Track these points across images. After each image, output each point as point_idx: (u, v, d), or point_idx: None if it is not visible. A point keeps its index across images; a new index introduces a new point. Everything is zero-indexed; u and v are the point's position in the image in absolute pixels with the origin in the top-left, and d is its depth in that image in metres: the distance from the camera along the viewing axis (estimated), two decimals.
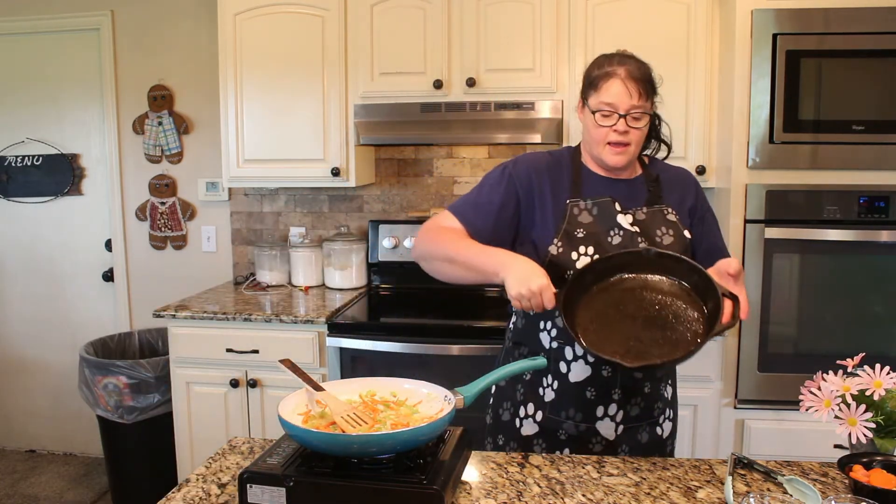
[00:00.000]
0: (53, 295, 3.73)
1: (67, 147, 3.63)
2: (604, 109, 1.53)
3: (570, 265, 1.53)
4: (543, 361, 1.41)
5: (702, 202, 1.69)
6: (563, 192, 1.60)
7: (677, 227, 1.60)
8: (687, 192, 1.66)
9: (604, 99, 1.53)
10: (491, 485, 1.27)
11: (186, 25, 3.41)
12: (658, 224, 1.58)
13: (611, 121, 1.53)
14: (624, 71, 1.53)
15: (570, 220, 1.56)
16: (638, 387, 1.56)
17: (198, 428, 2.84)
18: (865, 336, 2.43)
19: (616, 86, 1.52)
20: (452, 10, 2.80)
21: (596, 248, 1.53)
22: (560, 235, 1.55)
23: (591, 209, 1.57)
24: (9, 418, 3.88)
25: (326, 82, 2.93)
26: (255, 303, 2.94)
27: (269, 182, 3.14)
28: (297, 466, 1.16)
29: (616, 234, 1.55)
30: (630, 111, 1.52)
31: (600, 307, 1.42)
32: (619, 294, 1.43)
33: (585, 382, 1.55)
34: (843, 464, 1.21)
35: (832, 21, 2.35)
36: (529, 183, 1.60)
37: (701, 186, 1.71)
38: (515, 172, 1.61)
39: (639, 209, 1.59)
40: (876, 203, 2.38)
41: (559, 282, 1.49)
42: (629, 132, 1.53)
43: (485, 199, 1.60)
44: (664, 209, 1.61)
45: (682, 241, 1.58)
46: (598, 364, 1.53)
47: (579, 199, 1.59)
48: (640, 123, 1.55)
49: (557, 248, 1.54)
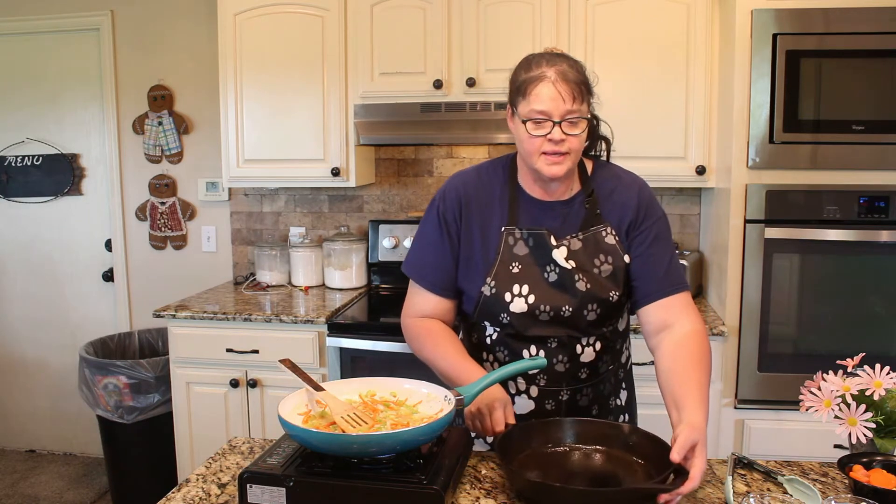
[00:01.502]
0: (53, 295, 3.73)
1: (67, 147, 3.63)
2: (535, 118, 1.36)
3: (504, 307, 1.45)
4: (544, 361, 1.41)
5: (645, 219, 1.48)
6: (498, 217, 1.49)
7: (616, 251, 1.47)
8: (628, 208, 1.48)
9: (535, 106, 1.36)
10: (491, 485, 1.27)
11: (186, 25, 3.41)
12: (595, 251, 1.46)
13: (544, 129, 1.36)
14: (554, 73, 1.35)
15: (506, 251, 1.46)
16: (585, 414, 1.51)
17: (198, 428, 2.84)
18: (865, 336, 2.43)
19: (547, 90, 1.35)
20: (452, 10, 2.80)
21: (531, 286, 1.44)
22: (494, 272, 1.46)
23: (526, 240, 1.46)
24: (9, 418, 3.88)
25: (326, 82, 2.93)
26: (255, 303, 2.94)
27: (269, 182, 3.14)
28: (297, 466, 1.16)
29: (552, 270, 1.44)
30: (565, 117, 1.35)
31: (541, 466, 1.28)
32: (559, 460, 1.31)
33: (530, 416, 1.49)
34: (843, 464, 1.21)
35: (832, 21, 2.35)
36: (458, 215, 1.51)
37: (652, 199, 1.51)
38: (445, 209, 1.51)
39: (574, 236, 1.46)
40: (876, 203, 2.38)
41: (496, 322, 1.47)
42: (565, 140, 1.36)
43: (431, 255, 1.52)
44: (602, 230, 1.47)
45: (622, 269, 1.47)
46: (542, 399, 1.49)
47: (514, 227, 1.47)
48: (577, 129, 1.37)
49: (490, 289, 1.46)
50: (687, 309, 1.46)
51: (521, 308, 1.45)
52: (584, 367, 1.49)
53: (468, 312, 1.54)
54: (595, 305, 1.45)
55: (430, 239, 1.54)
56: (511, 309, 1.45)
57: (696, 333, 1.42)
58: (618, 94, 2.72)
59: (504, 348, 1.51)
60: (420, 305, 1.56)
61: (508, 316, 1.46)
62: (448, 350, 1.47)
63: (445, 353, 1.47)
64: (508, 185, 1.51)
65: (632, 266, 1.48)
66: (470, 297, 1.51)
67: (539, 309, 1.44)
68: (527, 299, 1.44)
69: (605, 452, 1.30)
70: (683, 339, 1.41)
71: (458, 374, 1.42)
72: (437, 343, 1.49)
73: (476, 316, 1.52)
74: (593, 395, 1.53)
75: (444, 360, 1.46)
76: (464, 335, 1.63)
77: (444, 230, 1.52)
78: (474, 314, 1.52)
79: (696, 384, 1.34)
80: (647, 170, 2.71)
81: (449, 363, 1.45)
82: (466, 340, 1.60)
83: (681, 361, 1.38)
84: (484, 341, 1.53)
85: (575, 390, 1.50)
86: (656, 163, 2.73)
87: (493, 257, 1.47)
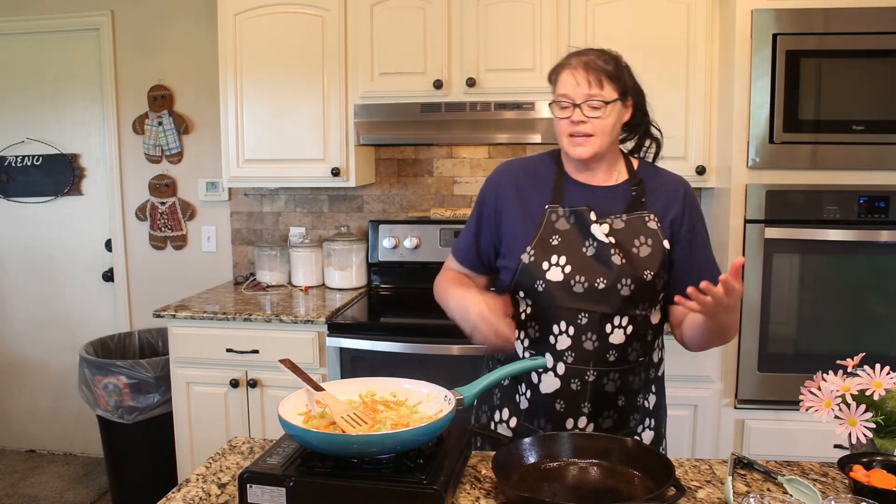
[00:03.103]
0: (53, 295, 3.73)
1: (67, 147, 3.63)
2: (560, 101, 1.50)
3: (541, 275, 1.50)
4: (544, 361, 1.41)
5: (690, 215, 1.59)
6: (543, 198, 1.58)
7: (657, 235, 1.53)
8: (674, 201, 1.58)
9: (559, 91, 1.51)
10: (491, 484, 1.27)
11: (186, 25, 3.41)
12: (637, 233, 1.52)
13: (567, 112, 1.50)
14: (577, 61, 1.49)
15: (547, 227, 1.54)
16: (610, 400, 1.52)
17: (198, 428, 2.84)
18: (865, 336, 2.43)
19: (568, 76, 1.49)
20: (452, 10, 2.80)
21: (569, 258, 1.50)
22: (534, 243, 1.53)
23: (568, 217, 1.54)
24: (9, 418, 3.88)
25: (326, 82, 2.93)
26: (255, 303, 2.94)
27: (269, 182, 3.14)
28: (297, 466, 1.16)
29: (591, 245, 1.51)
30: (586, 100, 1.47)
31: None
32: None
33: (555, 395, 1.51)
34: (843, 464, 1.21)
35: (832, 21, 2.35)
36: (497, 194, 1.61)
37: (695, 198, 1.63)
38: (485, 191, 1.65)
39: (617, 217, 1.54)
40: (876, 203, 2.38)
41: (531, 290, 1.51)
42: (587, 122, 1.48)
43: (466, 231, 1.66)
44: (645, 216, 1.55)
45: (661, 252, 1.52)
46: (567, 377, 1.50)
47: (558, 205, 1.56)
48: (600, 113, 1.48)
49: (529, 257, 1.52)
50: None
51: (557, 277, 1.49)
52: (613, 350, 1.49)
53: (506, 285, 1.58)
54: (629, 281, 1.48)
55: (468, 223, 1.68)
56: (547, 277, 1.50)
57: None
58: None
59: (535, 323, 1.53)
60: (448, 266, 1.72)
61: (544, 283, 1.50)
62: (447, 289, 1.56)
63: (445, 292, 1.57)
64: (555, 170, 1.61)
65: (679, 259, 1.55)
66: (508, 269, 1.56)
67: (574, 279, 1.49)
68: (563, 269, 1.50)
69: (605, 467, 1.28)
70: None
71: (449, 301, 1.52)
72: (444, 287, 1.59)
73: (512, 286, 1.56)
74: (621, 382, 1.52)
75: (445, 299, 1.55)
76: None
77: (478, 211, 1.64)
78: (511, 284, 1.56)
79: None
80: None
81: (445, 300, 1.55)
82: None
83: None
84: (518, 319, 1.57)
85: (602, 373, 1.50)
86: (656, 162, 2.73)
87: (535, 231, 1.54)
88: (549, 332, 1.51)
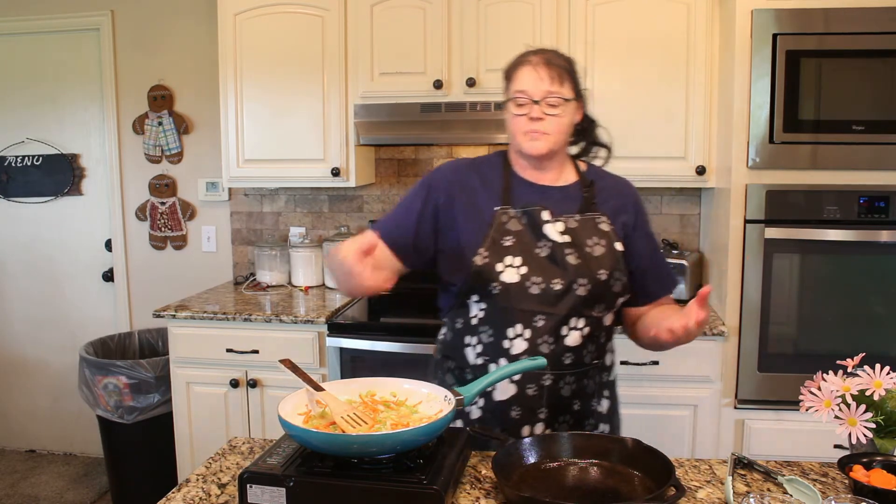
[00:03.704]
0: (53, 295, 3.73)
1: (67, 147, 3.63)
2: (517, 97, 1.49)
3: (495, 277, 1.47)
4: (543, 361, 1.41)
5: (641, 220, 1.61)
6: (493, 199, 1.55)
7: (609, 237, 1.53)
8: (625, 204, 1.59)
9: (517, 87, 1.50)
10: (491, 484, 1.27)
11: (186, 25, 3.41)
12: (590, 233, 1.52)
13: (525, 108, 1.49)
14: (537, 58, 1.50)
15: (498, 228, 1.51)
16: (566, 405, 1.51)
17: (198, 428, 2.84)
18: (865, 336, 2.43)
19: (527, 72, 1.49)
20: (452, 10, 2.80)
21: (524, 258, 1.48)
22: (487, 245, 1.50)
23: (520, 217, 1.52)
24: (9, 418, 3.88)
25: (326, 82, 2.93)
26: (255, 303, 2.94)
27: (269, 182, 3.14)
28: (297, 466, 1.16)
29: (545, 245, 1.50)
30: (545, 98, 1.47)
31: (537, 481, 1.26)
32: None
33: (510, 401, 1.49)
34: (843, 464, 1.21)
35: (832, 21, 2.34)
36: (449, 190, 1.56)
37: (642, 200, 1.65)
38: (434, 180, 1.58)
39: (570, 216, 1.53)
40: (876, 203, 2.38)
41: (485, 293, 1.47)
42: (545, 119, 1.48)
43: (403, 211, 1.58)
44: (596, 217, 1.55)
45: (614, 253, 1.52)
46: (523, 382, 1.48)
47: (509, 206, 1.53)
48: (558, 111, 1.49)
49: (483, 259, 1.49)
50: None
51: (512, 278, 1.47)
52: (569, 352, 1.49)
53: (455, 291, 1.54)
54: (585, 281, 1.47)
55: (405, 201, 1.59)
56: (502, 279, 1.47)
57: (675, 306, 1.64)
58: (618, 94, 2.72)
59: (489, 327, 1.50)
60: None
61: (500, 286, 1.47)
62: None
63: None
64: (503, 171, 1.58)
65: (635, 265, 1.57)
66: (459, 275, 1.52)
67: (530, 280, 1.47)
68: (519, 270, 1.48)
69: (605, 467, 1.28)
70: (667, 305, 1.64)
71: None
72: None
73: (465, 291, 1.52)
74: (576, 386, 1.52)
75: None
76: (447, 329, 1.62)
77: (424, 194, 1.56)
78: (463, 289, 1.52)
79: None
80: (648, 170, 2.74)
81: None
82: (449, 331, 1.61)
83: (669, 311, 1.58)
84: (469, 323, 1.53)
85: (558, 376, 1.49)
86: (656, 163, 2.73)
87: (486, 233, 1.51)
88: (504, 336, 1.48)
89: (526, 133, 1.50)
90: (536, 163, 1.56)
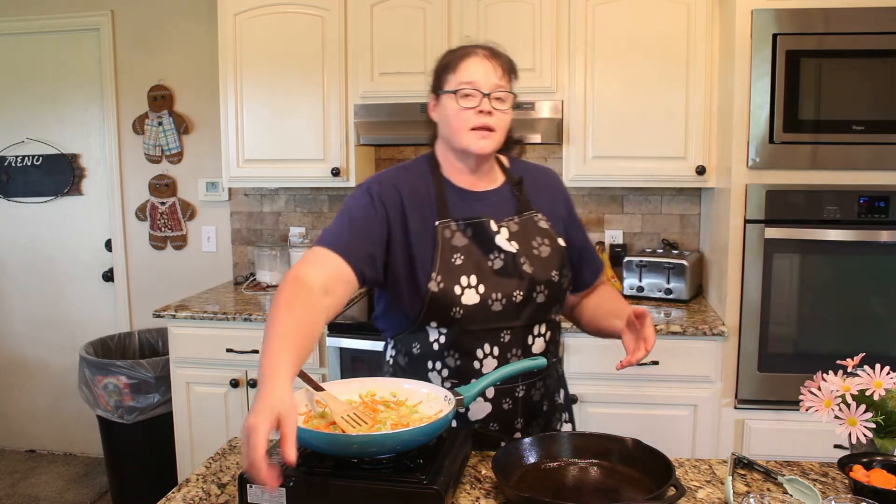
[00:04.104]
0: (53, 295, 3.73)
1: (67, 147, 3.63)
2: (465, 88, 1.37)
3: (455, 301, 1.38)
4: (543, 361, 1.40)
5: (571, 208, 1.59)
6: (430, 213, 1.42)
7: (551, 235, 1.49)
8: (555, 197, 1.56)
9: (464, 78, 1.37)
10: (491, 484, 1.27)
11: (186, 25, 3.41)
12: (532, 234, 1.47)
13: (474, 101, 1.37)
14: (483, 51, 1.41)
15: (444, 246, 1.40)
16: (538, 409, 1.50)
17: (198, 428, 2.84)
18: (865, 336, 2.43)
19: (476, 63, 1.38)
20: (452, 11, 2.80)
21: (479, 276, 1.40)
22: (438, 268, 1.39)
23: (464, 230, 1.42)
24: (9, 418, 3.88)
25: (326, 82, 2.93)
26: (255, 303, 2.94)
27: (269, 182, 3.14)
28: (297, 466, 1.16)
29: (497, 257, 1.42)
30: (494, 91, 1.38)
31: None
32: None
33: (486, 419, 1.45)
34: (843, 464, 1.21)
35: (832, 21, 2.34)
36: (400, 206, 1.41)
37: (565, 187, 1.61)
38: (383, 193, 1.41)
39: (510, 219, 1.46)
40: (876, 203, 2.38)
41: (446, 320, 1.39)
42: (493, 114, 1.38)
43: (359, 222, 1.38)
44: (534, 216, 1.49)
45: (559, 250, 1.48)
46: (498, 399, 1.44)
47: (448, 219, 1.42)
48: (505, 106, 1.40)
49: (438, 285, 1.38)
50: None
51: (473, 300, 1.39)
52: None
53: (411, 320, 1.44)
54: (543, 287, 1.45)
55: (353, 212, 1.40)
56: (463, 301, 1.39)
57: (608, 286, 1.68)
58: (618, 94, 2.72)
59: (455, 351, 1.43)
60: (319, 260, 1.32)
61: (461, 310, 1.39)
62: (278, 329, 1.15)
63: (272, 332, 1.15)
64: (434, 179, 1.47)
65: (575, 257, 1.57)
66: (414, 301, 1.41)
67: (491, 298, 1.40)
68: (477, 289, 1.40)
69: (605, 467, 1.28)
70: (603, 288, 1.66)
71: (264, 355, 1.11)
72: (279, 314, 1.18)
73: (422, 318, 1.42)
74: (544, 389, 1.51)
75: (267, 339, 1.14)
76: (397, 352, 1.52)
77: (376, 206, 1.40)
78: (419, 317, 1.42)
79: (624, 303, 1.54)
80: (648, 170, 2.74)
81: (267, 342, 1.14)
82: (402, 355, 1.50)
83: (607, 295, 1.61)
84: (430, 350, 1.44)
85: (529, 385, 1.47)
86: (656, 163, 2.73)
87: (432, 253, 1.40)
88: (473, 357, 1.42)
89: (474, 129, 1.38)
90: (475, 165, 1.46)
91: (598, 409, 2.56)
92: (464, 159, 1.45)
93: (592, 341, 1.52)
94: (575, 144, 2.77)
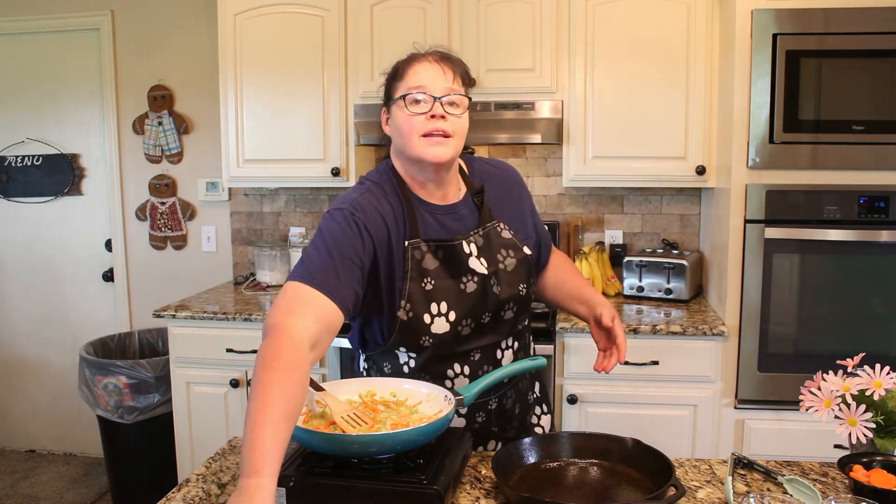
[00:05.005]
0: (53, 295, 3.73)
1: (67, 147, 3.63)
2: (412, 93, 1.30)
3: (425, 331, 1.34)
4: (543, 361, 1.40)
5: (530, 201, 1.54)
6: (398, 233, 1.34)
7: (515, 245, 1.44)
8: (523, 194, 1.52)
9: (412, 83, 1.30)
10: (491, 484, 1.27)
11: (186, 25, 3.41)
12: (496, 247, 1.42)
13: (424, 106, 1.29)
14: (433, 55, 1.34)
15: (414, 268, 1.32)
16: (511, 415, 1.49)
17: (198, 428, 2.84)
18: (865, 336, 2.43)
19: (425, 67, 1.32)
20: (452, 11, 2.80)
21: (450, 303, 1.34)
22: (407, 296, 1.32)
23: (435, 252, 1.35)
24: (9, 418, 3.88)
25: (326, 82, 2.93)
26: (255, 303, 2.94)
27: (269, 182, 3.14)
28: (297, 466, 1.16)
29: (469, 280, 1.36)
30: (446, 95, 1.30)
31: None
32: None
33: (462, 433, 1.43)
34: (843, 464, 1.21)
35: (832, 21, 2.34)
36: (387, 238, 1.32)
37: (523, 180, 1.55)
38: (369, 224, 1.30)
39: (476, 232, 1.40)
40: (876, 203, 2.38)
41: (415, 346, 1.36)
42: (447, 119, 1.30)
43: (347, 257, 1.26)
44: (497, 226, 1.43)
45: (524, 261, 1.44)
46: (472, 414, 1.43)
47: (419, 240, 1.34)
48: (459, 111, 1.32)
49: (407, 313, 1.32)
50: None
51: (443, 329, 1.35)
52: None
53: (380, 343, 1.41)
54: (511, 304, 1.43)
55: (336, 241, 1.27)
56: (433, 330, 1.34)
57: (560, 254, 1.67)
58: (618, 94, 2.72)
59: (426, 374, 1.39)
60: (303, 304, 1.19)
61: (430, 338, 1.35)
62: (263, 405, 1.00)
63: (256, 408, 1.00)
64: (401, 195, 1.37)
65: (536, 249, 1.55)
66: (384, 325, 1.36)
67: (461, 324, 1.36)
68: (447, 317, 1.34)
69: (605, 467, 1.28)
70: (557, 259, 1.64)
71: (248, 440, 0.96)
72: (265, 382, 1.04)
73: (391, 343, 1.38)
74: (516, 394, 1.51)
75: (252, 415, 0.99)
76: (370, 367, 1.49)
77: (360, 234, 1.29)
78: (387, 342, 1.38)
79: (586, 283, 1.59)
80: (648, 170, 2.74)
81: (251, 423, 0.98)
82: (374, 370, 1.47)
83: (565, 272, 1.62)
84: (400, 371, 1.42)
85: (501, 395, 1.47)
86: (656, 163, 2.73)
87: (401, 276, 1.33)
88: (444, 378, 1.40)
89: (426, 136, 1.30)
90: (435, 176, 1.36)
91: (598, 409, 2.56)
92: (422, 171, 1.36)
93: (593, 341, 1.51)
94: (575, 144, 2.77)
